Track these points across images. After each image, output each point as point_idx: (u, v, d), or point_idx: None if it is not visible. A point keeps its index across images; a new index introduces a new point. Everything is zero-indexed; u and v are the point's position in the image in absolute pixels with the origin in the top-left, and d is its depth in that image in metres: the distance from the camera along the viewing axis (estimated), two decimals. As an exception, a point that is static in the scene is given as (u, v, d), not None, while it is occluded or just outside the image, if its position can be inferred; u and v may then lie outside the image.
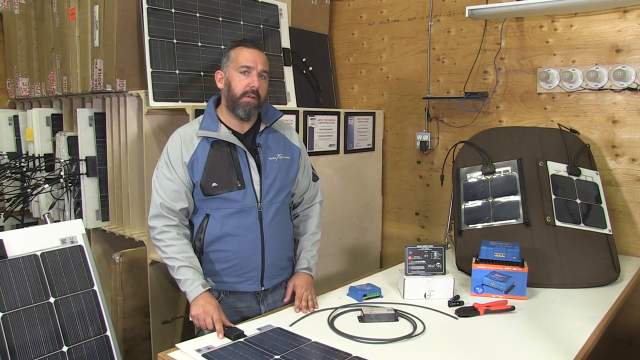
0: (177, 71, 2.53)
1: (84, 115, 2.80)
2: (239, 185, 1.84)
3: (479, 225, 2.41)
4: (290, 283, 1.98)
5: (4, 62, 3.70)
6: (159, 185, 1.84)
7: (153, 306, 2.61)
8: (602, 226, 2.35)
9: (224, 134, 1.85)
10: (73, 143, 2.90)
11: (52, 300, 1.81)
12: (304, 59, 3.25)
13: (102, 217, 2.88)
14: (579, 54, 2.66)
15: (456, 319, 1.82)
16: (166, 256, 1.82)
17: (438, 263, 2.01)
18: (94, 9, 2.61)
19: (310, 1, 3.37)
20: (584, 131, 2.67)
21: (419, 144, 3.21)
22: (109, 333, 1.91)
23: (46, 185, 2.98)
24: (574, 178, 2.46)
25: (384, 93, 3.42)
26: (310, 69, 3.28)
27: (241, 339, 1.63)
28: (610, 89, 2.57)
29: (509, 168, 2.50)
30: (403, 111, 3.33)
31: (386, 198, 3.46)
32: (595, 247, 2.26)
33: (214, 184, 1.83)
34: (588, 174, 2.49)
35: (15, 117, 3.47)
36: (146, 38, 2.44)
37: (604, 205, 2.42)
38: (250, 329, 1.70)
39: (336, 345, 1.58)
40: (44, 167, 3.09)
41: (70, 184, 2.91)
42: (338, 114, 3.04)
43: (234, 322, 1.75)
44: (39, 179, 3.05)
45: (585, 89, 2.64)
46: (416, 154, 3.29)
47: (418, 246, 2.01)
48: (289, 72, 3.10)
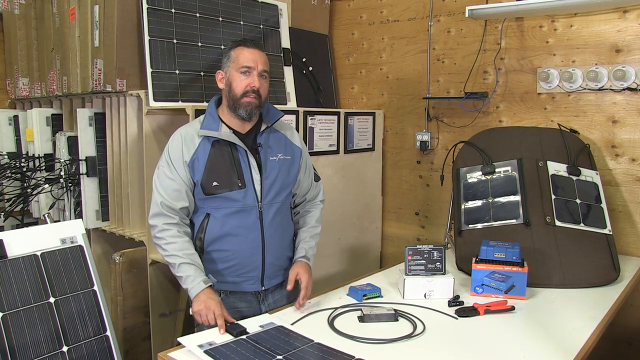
0: (177, 71, 2.53)
1: (84, 115, 2.80)
2: (240, 184, 1.84)
3: (479, 225, 2.41)
4: (292, 271, 1.94)
5: (4, 62, 3.70)
6: (160, 184, 1.84)
7: (153, 306, 2.61)
8: (602, 226, 2.35)
9: (225, 133, 1.85)
10: (73, 143, 2.90)
11: (52, 300, 1.81)
12: (304, 59, 3.25)
13: (102, 217, 2.88)
14: (579, 54, 2.66)
15: (456, 319, 1.82)
16: (167, 254, 1.82)
17: (438, 263, 2.01)
18: (94, 9, 2.61)
19: (310, 1, 3.37)
20: (584, 131, 2.67)
21: (419, 144, 3.21)
22: (109, 333, 1.91)
23: (46, 185, 2.98)
24: (574, 178, 2.46)
25: (384, 93, 3.42)
26: (310, 69, 3.28)
27: (243, 336, 1.63)
28: (610, 89, 2.58)
29: (509, 168, 2.50)
30: (403, 111, 3.34)
31: (386, 198, 3.46)
32: (595, 247, 2.26)
33: (215, 183, 1.83)
34: (588, 174, 2.49)
35: (15, 117, 3.47)
36: (146, 38, 2.44)
37: (603, 205, 2.42)
38: (252, 326, 1.70)
39: (336, 345, 1.58)
40: (44, 167, 3.09)
41: (70, 184, 2.91)
42: (338, 114, 3.04)
43: (235, 321, 1.75)
44: (39, 179, 3.05)
45: (585, 89, 2.64)
46: (416, 154, 3.29)
47: (418, 246, 2.01)
48: (289, 72, 3.10)
